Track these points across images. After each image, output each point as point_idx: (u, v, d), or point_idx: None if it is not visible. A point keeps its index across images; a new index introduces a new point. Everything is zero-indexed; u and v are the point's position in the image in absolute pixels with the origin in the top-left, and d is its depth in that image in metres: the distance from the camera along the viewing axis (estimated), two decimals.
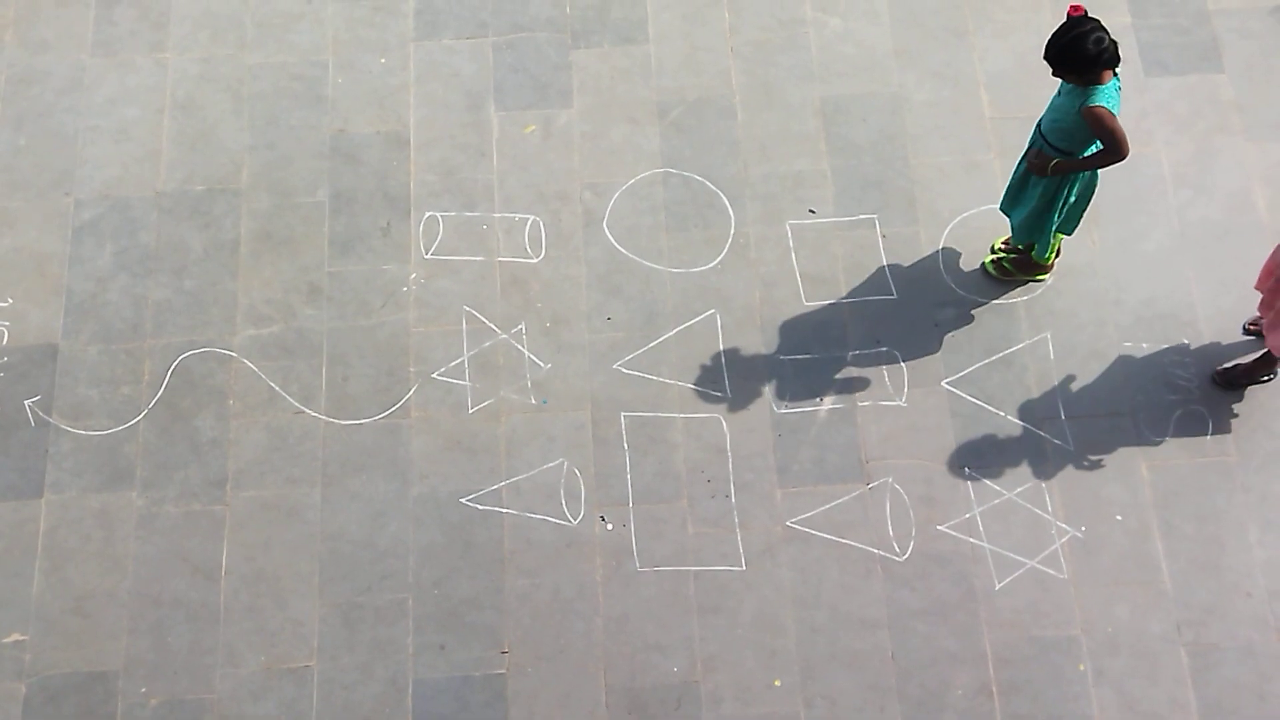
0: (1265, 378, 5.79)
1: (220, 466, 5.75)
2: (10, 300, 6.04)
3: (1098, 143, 5.21)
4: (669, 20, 6.60)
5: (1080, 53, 4.97)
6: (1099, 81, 5.06)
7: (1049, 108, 5.33)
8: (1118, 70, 5.12)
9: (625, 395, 5.87)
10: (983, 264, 6.05)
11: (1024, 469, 5.71)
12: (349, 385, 5.89)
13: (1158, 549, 5.59)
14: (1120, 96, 5.14)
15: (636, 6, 6.64)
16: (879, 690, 5.40)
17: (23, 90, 6.46)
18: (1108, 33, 5.00)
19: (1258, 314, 5.70)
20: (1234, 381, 5.80)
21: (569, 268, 6.10)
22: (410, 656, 5.46)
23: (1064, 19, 5.08)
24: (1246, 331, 5.87)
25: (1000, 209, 5.78)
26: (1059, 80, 5.18)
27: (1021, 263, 5.97)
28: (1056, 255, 5.93)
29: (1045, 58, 5.06)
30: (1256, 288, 5.56)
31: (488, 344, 5.96)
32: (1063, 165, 5.30)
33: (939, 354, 5.92)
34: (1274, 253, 5.43)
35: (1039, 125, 5.40)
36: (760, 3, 6.62)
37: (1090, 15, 5.04)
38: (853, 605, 5.52)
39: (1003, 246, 6.03)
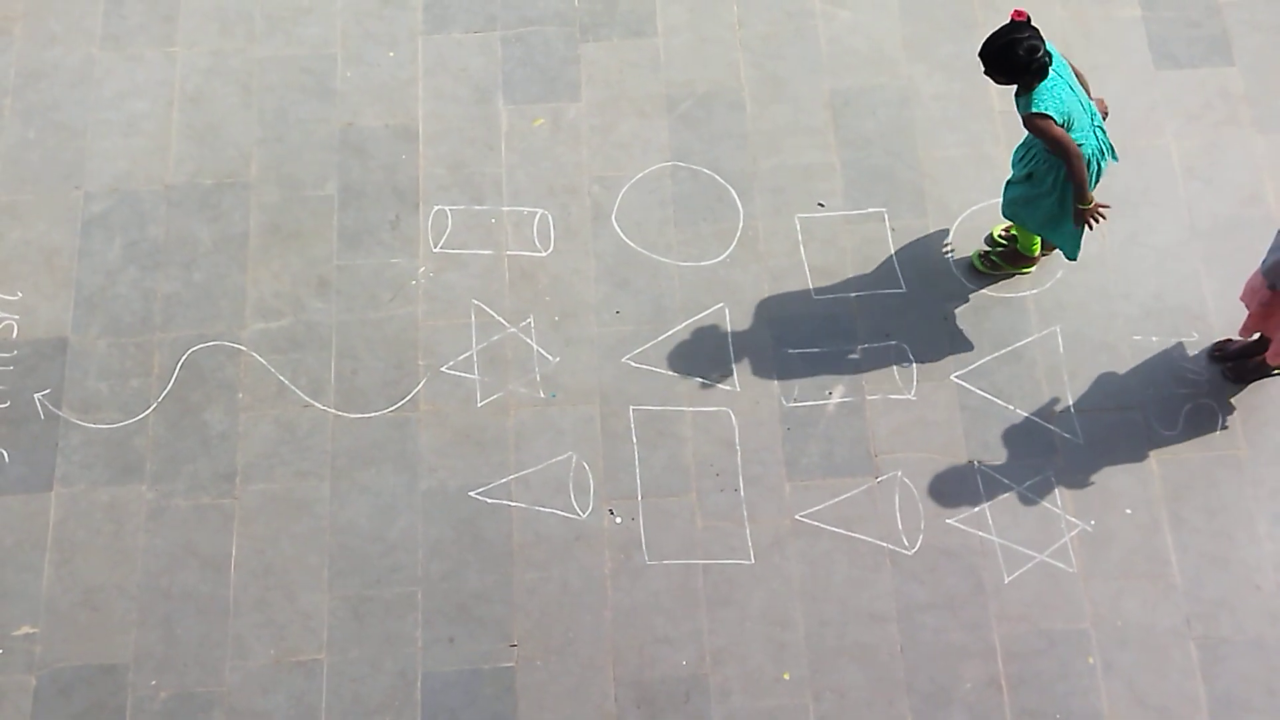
0: (1276, 371, 5.78)
1: (229, 460, 5.76)
2: (19, 294, 6.05)
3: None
4: (677, 13, 6.60)
5: (1010, 58, 5.00)
6: (1031, 87, 5.08)
7: None
8: (1060, 63, 5.11)
9: (634, 389, 5.87)
10: (970, 259, 6.03)
11: (1033, 462, 5.70)
12: (358, 379, 5.89)
13: (1167, 542, 5.58)
14: (1063, 88, 5.10)
15: (644, 0, 6.63)
16: (888, 683, 5.40)
17: (32, 84, 6.47)
18: (1044, 43, 5.00)
19: (1223, 340, 5.80)
20: (1244, 375, 5.79)
21: (578, 261, 6.10)
22: (419, 649, 5.47)
23: (1006, 21, 5.09)
24: (1212, 357, 5.84)
25: (1004, 215, 5.76)
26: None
27: (1008, 255, 5.96)
28: (1044, 251, 5.93)
29: (979, 55, 5.08)
30: (1242, 300, 5.56)
31: (496, 337, 5.96)
32: (1080, 195, 5.28)
33: (948, 347, 5.91)
34: (1256, 274, 5.44)
35: None
36: None
37: (1031, 24, 5.03)
38: (861, 599, 5.52)
39: (1003, 235, 6.02)
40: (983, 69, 5.12)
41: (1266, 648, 5.42)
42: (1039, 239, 5.80)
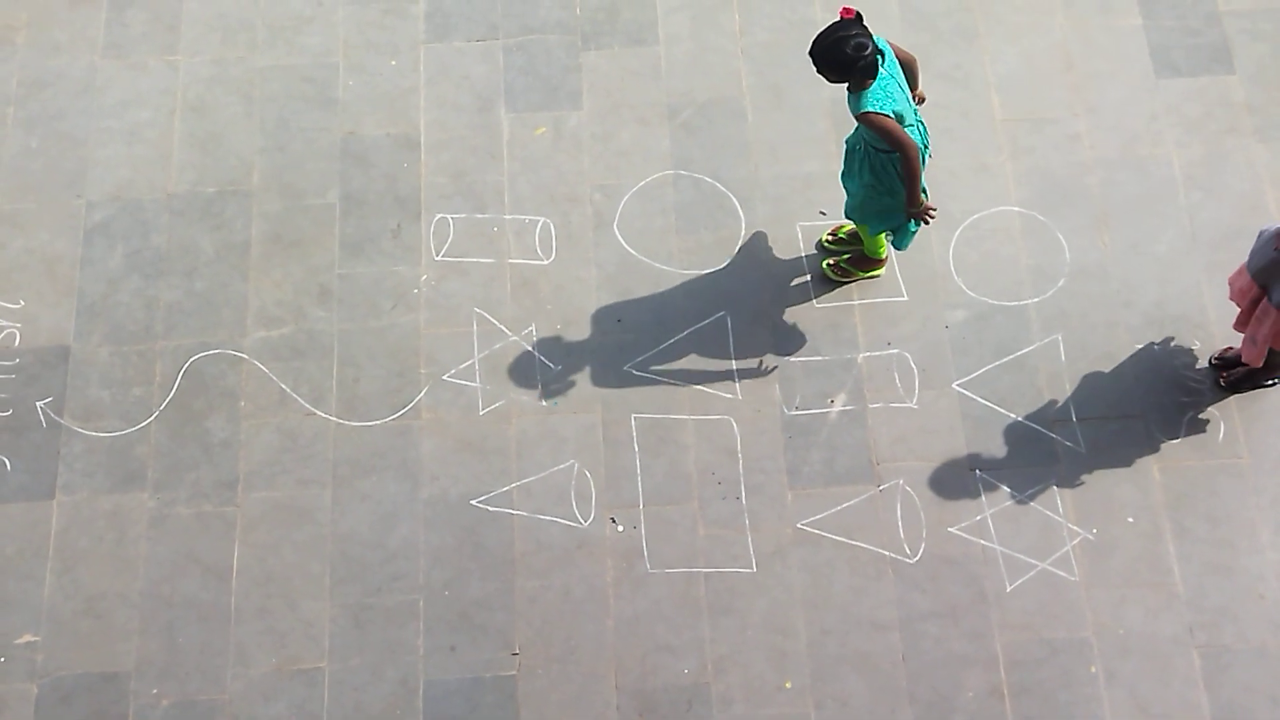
0: (1270, 382, 5.78)
1: (231, 468, 5.76)
2: (22, 302, 6.06)
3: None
4: (679, 22, 6.61)
5: (837, 55, 4.98)
6: (864, 87, 5.08)
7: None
8: (890, 61, 5.12)
9: (635, 397, 5.87)
10: (821, 267, 6.06)
11: (1035, 471, 5.70)
12: (360, 387, 5.89)
13: (1169, 551, 5.58)
14: (894, 86, 5.12)
15: (646, 8, 6.64)
16: (890, 692, 5.39)
17: (35, 93, 6.48)
18: (873, 40, 5.01)
19: (1224, 349, 5.81)
20: (1238, 385, 5.78)
21: (579, 270, 6.10)
22: (421, 658, 5.46)
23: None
24: (1212, 365, 5.84)
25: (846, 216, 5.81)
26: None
27: (856, 260, 6.00)
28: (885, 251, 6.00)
29: (808, 53, 5.07)
30: (1232, 299, 5.55)
31: (498, 346, 5.97)
32: (912, 198, 5.32)
33: (950, 356, 5.91)
34: (1241, 270, 5.42)
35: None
36: (770, 4, 6.63)
37: (860, 21, 5.03)
38: (863, 607, 5.51)
39: (829, 238, 6.06)
40: (814, 68, 5.11)
41: (1269, 656, 5.41)
42: (883, 241, 5.84)
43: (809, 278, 6.07)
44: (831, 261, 6.04)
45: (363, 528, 5.66)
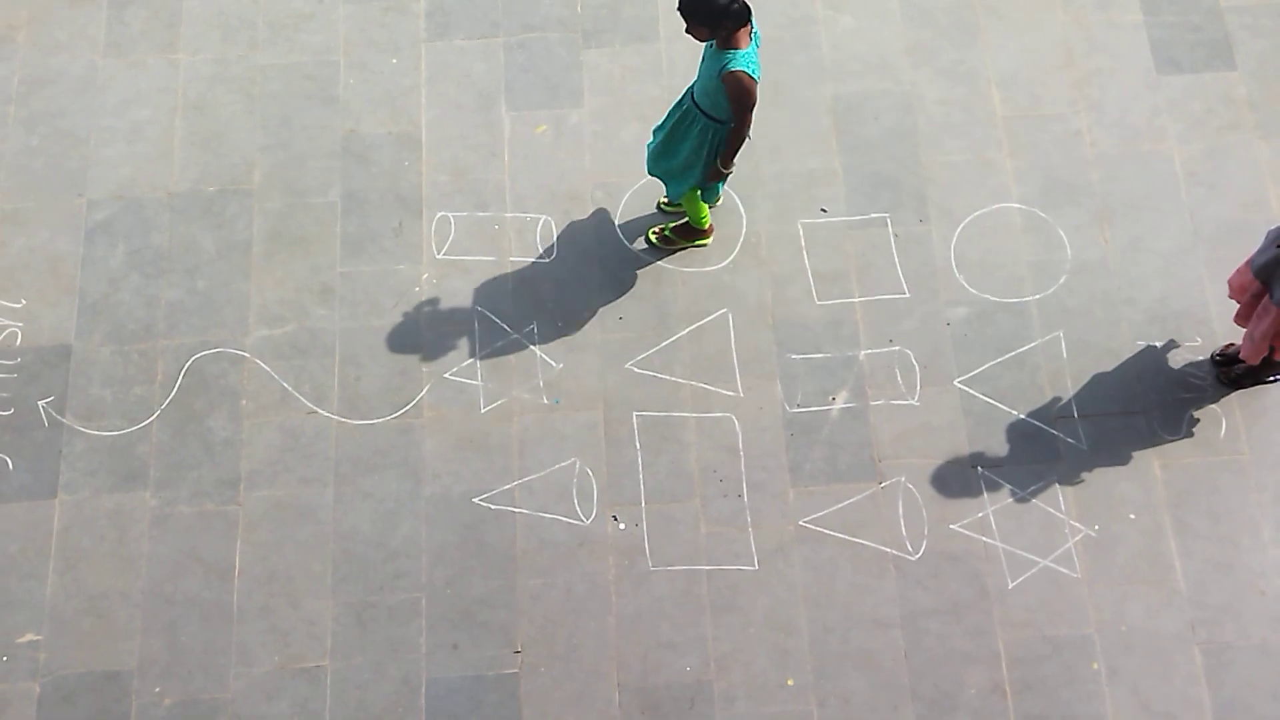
0: (1271, 378, 5.78)
1: (233, 467, 5.76)
2: (23, 301, 6.06)
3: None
4: (680, 19, 6.58)
5: (708, 3, 4.99)
6: (735, 45, 5.10)
7: (698, 74, 5.36)
8: (756, 34, 5.16)
9: (637, 395, 5.87)
10: (646, 236, 6.13)
11: (1037, 468, 5.70)
12: (361, 385, 5.89)
13: (1171, 548, 5.58)
14: (760, 62, 5.19)
15: (648, 5, 6.64)
16: (892, 689, 5.39)
17: (36, 91, 6.48)
18: None
19: (1225, 345, 5.82)
20: (1240, 381, 5.78)
21: (581, 267, 6.10)
22: (423, 656, 5.47)
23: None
24: (1214, 361, 5.84)
25: (648, 173, 5.80)
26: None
27: (682, 230, 6.06)
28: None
29: (678, 9, 5.08)
30: (1231, 297, 5.55)
31: (499, 344, 5.97)
32: (725, 159, 5.45)
33: (951, 353, 5.91)
34: (1241, 269, 5.42)
35: (691, 91, 5.42)
36: (771, 1, 6.62)
37: None
38: (865, 604, 5.52)
39: (665, 202, 6.13)
40: (684, 27, 5.13)
41: (1271, 653, 5.41)
42: (708, 210, 5.93)
43: (810, 275, 6.06)
44: (657, 229, 6.10)
45: (365, 526, 5.66)
